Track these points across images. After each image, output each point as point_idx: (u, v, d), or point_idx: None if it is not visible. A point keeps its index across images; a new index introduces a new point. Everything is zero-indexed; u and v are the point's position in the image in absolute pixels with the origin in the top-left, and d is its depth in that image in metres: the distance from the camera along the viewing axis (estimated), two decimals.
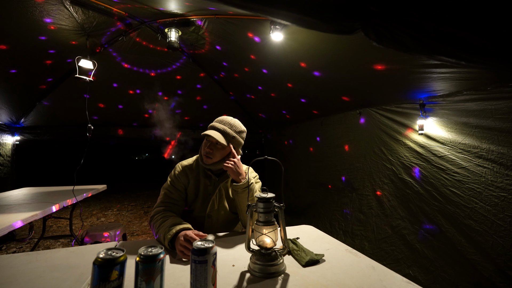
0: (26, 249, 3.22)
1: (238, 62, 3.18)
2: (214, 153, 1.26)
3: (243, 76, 3.52)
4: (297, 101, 3.45)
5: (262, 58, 2.79)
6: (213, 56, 3.26)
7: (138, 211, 5.41)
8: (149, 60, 3.47)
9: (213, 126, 1.29)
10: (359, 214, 2.76)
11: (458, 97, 1.89)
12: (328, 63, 2.36)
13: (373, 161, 2.60)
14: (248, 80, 3.59)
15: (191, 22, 2.54)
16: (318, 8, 0.72)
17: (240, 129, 1.32)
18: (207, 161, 1.28)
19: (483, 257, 1.71)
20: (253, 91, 3.88)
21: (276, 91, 3.47)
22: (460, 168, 1.86)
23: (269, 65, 2.89)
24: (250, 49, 2.71)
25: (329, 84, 2.67)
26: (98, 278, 0.57)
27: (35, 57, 2.90)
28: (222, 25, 2.42)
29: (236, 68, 3.37)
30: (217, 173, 1.35)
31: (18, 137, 4.13)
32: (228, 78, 3.87)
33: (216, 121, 1.31)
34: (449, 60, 0.75)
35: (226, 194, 1.35)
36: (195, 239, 0.98)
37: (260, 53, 2.69)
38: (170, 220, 1.13)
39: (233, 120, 1.33)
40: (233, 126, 1.30)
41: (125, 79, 3.80)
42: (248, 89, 3.92)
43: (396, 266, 2.25)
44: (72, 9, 2.25)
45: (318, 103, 3.23)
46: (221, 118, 1.32)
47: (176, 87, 4.14)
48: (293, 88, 3.17)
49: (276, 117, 4.44)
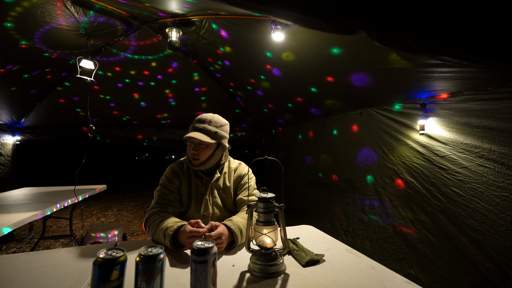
0: (26, 249, 3.22)
1: (238, 62, 3.17)
2: (200, 154, 1.25)
3: (243, 75, 3.52)
4: (298, 101, 3.45)
5: (262, 58, 2.79)
6: (214, 55, 3.27)
7: (138, 211, 5.41)
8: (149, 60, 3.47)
9: (193, 127, 1.27)
10: (360, 214, 2.75)
11: (459, 97, 1.88)
12: (329, 63, 2.36)
13: (375, 161, 2.60)
14: (248, 80, 3.59)
15: (192, 22, 2.54)
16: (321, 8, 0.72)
17: (220, 123, 1.30)
18: (195, 163, 1.27)
19: (484, 257, 1.71)
20: (254, 91, 3.88)
21: (277, 91, 3.47)
22: (461, 168, 1.86)
23: (270, 65, 2.89)
24: (251, 49, 2.71)
25: (330, 84, 2.67)
26: (98, 278, 0.57)
27: (36, 57, 2.90)
28: (224, 25, 2.42)
29: (236, 67, 3.37)
30: (207, 173, 1.34)
31: (19, 137, 4.13)
32: (228, 78, 3.87)
33: (195, 121, 1.29)
34: (451, 60, 0.75)
35: (219, 193, 1.34)
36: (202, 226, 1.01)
37: (261, 53, 2.69)
38: (169, 220, 1.12)
39: (212, 115, 1.31)
40: (212, 121, 1.28)
41: (125, 79, 3.81)
42: (249, 89, 3.91)
43: (397, 266, 2.25)
44: (73, 9, 2.26)
45: (318, 103, 3.23)
46: (199, 117, 1.30)
47: (176, 87, 4.14)
48: (294, 88, 3.17)
49: (276, 117, 4.44)
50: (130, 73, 3.67)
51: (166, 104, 4.50)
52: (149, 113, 4.69)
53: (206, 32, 2.68)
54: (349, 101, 2.84)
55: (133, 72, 3.66)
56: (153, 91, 4.13)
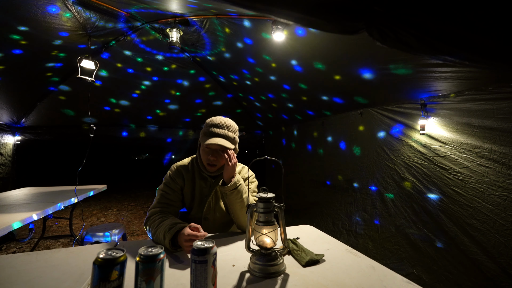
0: (26, 249, 3.22)
1: (238, 61, 3.17)
2: (218, 160, 1.24)
3: (244, 75, 3.51)
4: (298, 101, 3.45)
5: (263, 58, 2.79)
6: (214, 55, 3.26)
7: (138, 211, 5.41)
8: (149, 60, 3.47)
9: (210, 132, 1.22)
10: (363, 214, 2.76)
11: (460, 97, 1.88)
12: (330, 63, 2.36)
13: (376, 161, 2.60)
14: (249, 79, 3.58)
15: (192, 22, 2.54)
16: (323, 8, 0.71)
17: (235, 128, 1.30)
18: (211, 169, 1.26)
19: (486, 257, 1.71)
20: (254, 91, 3.88)
21: (277, 91, 3.47)
22: (462, 168, 1.86)
23: (270, 64, 2.89)
24: (251, 48, 2.71)
25: (330, 84, 2.67)
26: (98, 278, 0.57)
27: (36, 57, 2.90)
28: (224, 25, 2.42)
29: (236, 67, 3.37)
30: (213, 176, 1.33)
31: (19, 137, 4.13)
32: (229, 77, 3.87)
33: (211, 126, 1.23)
34: (453, 60, 0.75)
35: (222, 196, 1.34)
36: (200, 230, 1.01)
37: (262, 53, 2.69)
38: (170, 220, 1.12)
39: (227, 120, 1.28)
40: (230, 127, 1.26)
41: (126, 79, 3.81)
42: (249, 89, 3.91)
43: (400, 265, 2.26)
44: (74, 10, 2.26)
45: (319, 103, 3.23)
46: (214, 122, 1.24)
47: (177, 87, 4.14)
48: (294, 88, 3.16)
49: (277, 117, 4.43)
50: (130, 73, 3.67)
51: (166, 104, 4.50)
52: (149, 113, 4.69)
53: (207, 32, 2.68)
54: (350, 101, 2.83)
55: (133, 72, 3.66)
56: (153, 91, 4.13)
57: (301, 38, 2.18)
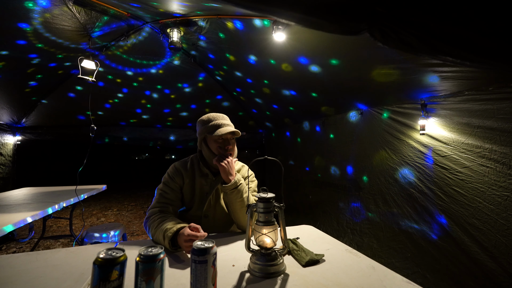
0: (26, 249, 3.22)
1: (238, 61, 3.17)
2: (233, 148, 1.31)
3: (244, 75, 3.51)
4: (299, 101, 3.45)
5: (264, 58, 2.79)
6: (215, 55, 3.26)
7: (138, 211, 5.41)
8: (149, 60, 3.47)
9: (218, 124, 1.27)
10: (367, 213, 2.76)
11: (460, 97, 1.88)
12: (329, 65, 2.36)
13: (377, 161, 2.60)
14: (249, 79, 3.58)
15: (193, 22, 2.54)
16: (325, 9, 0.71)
17: None
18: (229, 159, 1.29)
19: (487, 256, 1.71)
20: (255, 91, 3.88)
21: (278, 90, 3.47)
22: (463, 167, 1.86)
23: (270, 64, 2.89)
24: (251, 48, 2.71)
25: (331, 84, 2.67)
26: (98, 278, 0.57)
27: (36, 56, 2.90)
28: (224, 25, 2.42)
29: (237, 67, 3.37)
30: (215, 172, 1.33)
31: (20, 137, 4.14)
32: (229, 77, 3.87)
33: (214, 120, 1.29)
34: (454, 60, 0.75)
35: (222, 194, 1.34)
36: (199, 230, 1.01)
37: (262, 53, 2.69)
38: (169, 220, 1.12)
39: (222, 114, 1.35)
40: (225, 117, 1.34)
41: (126, 79, 3.81)
42: (250, 89, 3.91)
43: (405, 264, 2.27)
44: (74, 10, 2.26)
45: (319, 103, 3.23)
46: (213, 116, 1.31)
47: (176, 87, 4.14)
48: (295, 88, 3.16)
49: (277, 116, 4.43)
50: (130, 73, 3.68)
51: (167, 104, 4.50)
52: (150, 113, 4.69)
53: (208, 32, 2.68)
54: (350, 101, 2.83)
55: (133, 73, 3.66)
56: (153, 91, 4.13)
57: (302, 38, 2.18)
